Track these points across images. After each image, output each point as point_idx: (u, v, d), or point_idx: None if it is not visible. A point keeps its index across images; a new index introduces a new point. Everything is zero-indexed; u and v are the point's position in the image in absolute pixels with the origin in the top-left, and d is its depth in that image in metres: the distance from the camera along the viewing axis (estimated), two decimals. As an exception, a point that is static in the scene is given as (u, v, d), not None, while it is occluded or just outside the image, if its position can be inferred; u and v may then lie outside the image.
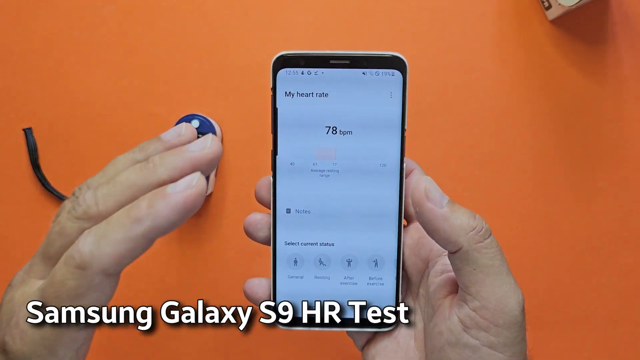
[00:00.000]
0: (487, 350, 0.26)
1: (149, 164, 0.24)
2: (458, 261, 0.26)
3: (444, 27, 0.48)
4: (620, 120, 0.48)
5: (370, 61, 0.29)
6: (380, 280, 0.31)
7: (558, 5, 0.45)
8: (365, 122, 0.30)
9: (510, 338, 0.26)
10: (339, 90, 0.29)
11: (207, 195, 0.47)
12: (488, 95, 0.48)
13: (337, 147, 0.30)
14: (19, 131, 0.49)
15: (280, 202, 0.31)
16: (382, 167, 0.30)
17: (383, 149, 0.30)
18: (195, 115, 0.46)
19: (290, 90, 0.30)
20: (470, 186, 0.48)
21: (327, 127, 0.30)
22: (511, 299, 0.26)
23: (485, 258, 0.26)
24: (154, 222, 0.23)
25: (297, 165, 0.30)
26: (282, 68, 0.29)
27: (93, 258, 0.22)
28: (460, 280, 0.27)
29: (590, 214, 0.48)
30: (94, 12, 0.49)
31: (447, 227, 0.26)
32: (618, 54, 0.48)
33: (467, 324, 0.26)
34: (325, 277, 0.31)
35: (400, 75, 0.30)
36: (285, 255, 0.31)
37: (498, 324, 0.26)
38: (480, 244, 0.26)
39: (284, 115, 0.30)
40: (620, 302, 0.48)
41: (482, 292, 0.26)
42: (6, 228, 0.49)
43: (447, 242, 0.26)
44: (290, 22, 0.48)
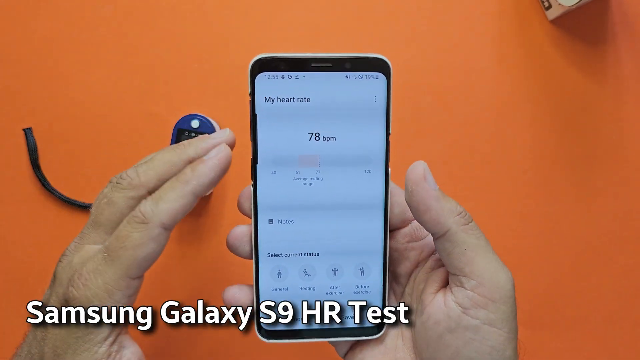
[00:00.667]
0: (487, 329, 0.27)
1: (180, 146, 0.30)
2: (448, 244, 0.28)
3: (444, 27, 0.48)
4: (620, 120, 0.48)
5: (353, 64, 0.28)
6: (367, 288, 0.30)
7: (558, 5, 0.45)
8: (349, 126, 0.29)
9: (506, 313, 0.27)
10: (322, 95, 0.28)
11: (207, 195, 0.47)
12: (488, 95, 0.48)
13: (320, 154, 0.29)
14: (19, 131, 0.49)
15: (261, 212, 0.29)
16: (367, 172, 0.29)
17: (367, 154, 0.29)
18: (195, 115, 0.46)
19: (269, 96, 0.28)
20: (470, 186, 0.48)
21: (309, 134, 0.29)
22: (502, 274, 0.27)
23: (473, 237, 0.28)
24: (199, 180, 0.28)
25: (278, 174, 0.29)
26: (261, 72, 0.28)
27: (153, 214, 0.27)
28: (453, 264, 0.28)
29: (590, 214, 0.48)
30: (94, 12, 0.49)
31: (438, 208, 0.27)
32: (618, 54, 0.48)
33: (465, 304, 0.27)
34: (310, 288, 0.30)
35: (384, 78, 0.28)
36: (269, 267, 0.30)
37: (495, 298, 0.27)
38: (465, 225, 0.28)
39: (263, 121, 0.29)
40: (620, 302, 0.48)
41: (475, 270, 0.27)
42: (6, 228, 0.49)
43: (436, 222, 0.27)
44: (290, 22, 0.48)
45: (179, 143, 0.30)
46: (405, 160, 0.48)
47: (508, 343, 0.27)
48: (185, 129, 0.46)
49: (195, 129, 0.46)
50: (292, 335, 0.31)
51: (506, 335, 0.27)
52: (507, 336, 0.27)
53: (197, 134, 0.46)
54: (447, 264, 0.28)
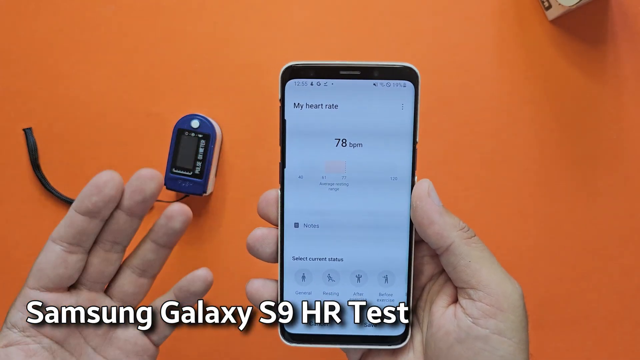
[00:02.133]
0: (497, 338, 0.27)
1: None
2: (452, 257, 0.28)
3: (444, 27, 0.48)
4: (620, 120, 0.48)
5: (381, 72, 0.28)
6: (390, 296, 0.30)
7: (558, 5, 0.45)
8: (376, 134, 0.29)
9: (515, 322, 0.27)
10: (349, 102, 0.29)
11: (207, 195, 0.47)
12: (488, 95, 0.48)
13: (346, 160, 0.29)
14: (19, 131, 0.49)
15: (288, 216, 0.30)
16: (393, 180, 0.29)
17: (394, 161, 0.29)
18: (195, 115, 0.46)
19: (299, 102, 0.29)
20: (471, 186, 0.48)
21: (336, 139, 0.29)
22: (509, 285, 0.28)
23: (476, 250, 0.28)
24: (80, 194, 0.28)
25: (305, 178, 0.29)
26: (291, 79, 0.29)
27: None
28: (459, 277, 0.28)
29: (590, 213, 0.48)
30: (94, 12, 0.49)
31: (442, 222, 0.28)
32: (618, 54, 0.48)
33: (475, 315, 0.27)
34: (334, 293, 0.30)
35: (412, 86, 0.29)
36: (293, 270, 0.30)
37: (503, 308, 0.27)
38: (468, 239, 0.28)
39: (292, 126, 0.29)
40: (620, 302, 0.48)
41: (482, 280, 0.27)
42: (6, 228, 0.49)
43: (440, 236, 0.28)
44: (290, 22, 0.48)
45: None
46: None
47: (518, 353, 0.27)
48: (185, 129, 0.46)
49: (195, 129, 0.46)
50: (314, 340, 0.31)
51: (516, 346, 0.27)
52: (517, 346, 0.27)
53: (197, 134, 0.46)
54: (454, 279, 0.28)
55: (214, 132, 0.46)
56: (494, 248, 0.49)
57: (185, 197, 0.48)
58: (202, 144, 0.46)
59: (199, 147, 0.46)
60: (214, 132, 0.46)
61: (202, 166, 0.45)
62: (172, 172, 0.46)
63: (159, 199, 0.48)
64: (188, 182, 0.46)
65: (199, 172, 0.45)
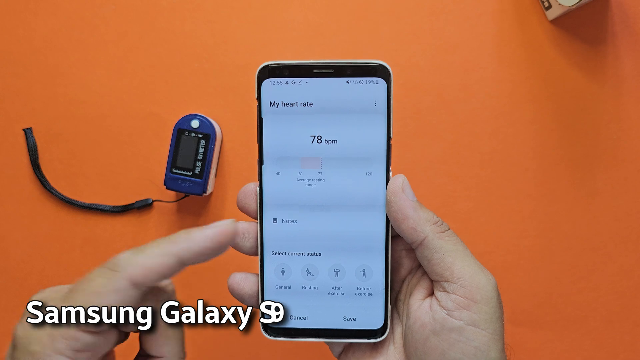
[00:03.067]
0: (471, 329, 0.27)
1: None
2: (426, 251, 0.28)
3: (444, 27, 0.48)
4: (620, 120, 0.48)
5: (354, 70, 0.29)
6: (368, 290, 0.31)
7: (558, 5, 0.45)
8: (351, 130, 0.29)
9: (489, 314, 0.27)
10: (324, 99, 0.29)
11: (207, 195, 0.47)
12: (488, 95, 0.48)
13: (322, 157, 0.30)
14: (19, 131, 0.49)
15: (266, 211, 0.30)
16: (369, 176, 0.30)
17: (369, 157, 0.30)
18: (195, 115, 0.46)
19: (274, 100, 0.30)
20: (470, 186, 0.48)
21: (312, 137, 0.30)
22: (482, 277, 0.28)
23: (450, 243, 0.28)
24: (188, 243, 0.26)
25: (282, 175, 0.30)
26: (267, 78, 0.29)
27: (126, 264, 0.25)
28: (433, 270, 0.29)
29: (589, 213, 0.48)
30: (94, 12, 0.49)
31: (416, 217, 0.28)
32: (618, 54, 0.48)
33: (449, 307, 0.28)
34: (312, 287, 0.31)
35: (384, 83, 0.29)
36: (273, 265, 0.31)
37: (476, 299, 0.27)
38: (442, 233, 0.29)
39: (268, 124, 0.30)
40: (619, 302, 0.48)
41: (455, 273, 0.28)
42: (6, 228, 0.49)
43: (414, 230, 0.28)
44: (290, 22, 0.48)
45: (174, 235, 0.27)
46: (405, 159, 0.49)
47: (493, 344, 0.27)
48: (185, 129, 0.46)
49: (195, 129, 0.46)
50: (294, 333, 0.31)
51: (490, 336, 0.27)
52: (491, 337, 0.27)
53: (197, 134, 0.46)
54: (429, 272, 0.29)
55: (214, 132, 0.46)
56: (494, 248, 0.49)
57: (185, 197, 0.48)
58: (202, 144, 0.46)
59: (199, 147, 0.46)
60: (214, 132, 0.46)
61: (202, 166, 0.45)
62: (172, 172, 0.46)
63: (159, 199, 0.48)
64: (188, 182, 0.46)
65: (199, 172, 0.45)
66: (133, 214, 0.49)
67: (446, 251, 0.28)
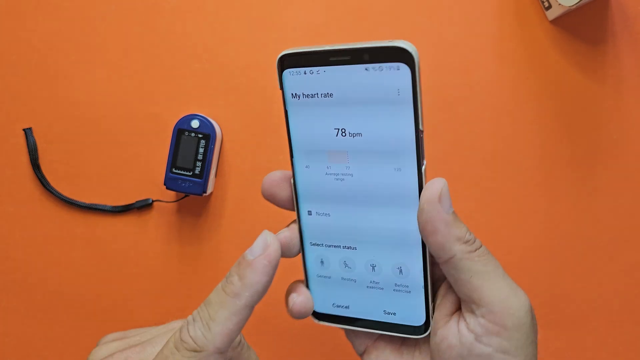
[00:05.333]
0: (500, 357, 0.25)
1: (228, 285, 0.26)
2: (453, 271, 0.26)
3: (444, 27, 0.48)
4: (620, 119, 0.48)
5: (371, 54, 0.26)
6: (406, 287, 0.29)
7: (558, 5, 0.45)
8: (375, 123, 0.26)
9: (521, 340, 0.26)
10: (343, 90, 0.26)
11: (207, 195, 0.47)
12: (488, 95, 0.48)
13: (348, 150, 0.27)
14: (19, 131, 0.49)
15: (302, 204, 0.29)
16: (397, 171, 0.27)
17: (396, 151, 0.26)
18: (195, 115, 0.46)
19: (295, 92, 0.27)
20: (471, 185, 0.48)
21: (336, 129, 0.27)
22: (514, 301, 0.26)
23: (478, 265, 0.26)
24: (251, 290, 0.25)
25: (312, 169, 0.28)
26: (285, 69, 0.27)
27: (207, 340, 0.24)
28: (461, 290, 0.27)
29: (590, 212, 0.48)
30: (94, 12, 0.49)
31: (446, 233, 0.26)
32: (618, 54, 0.48)
33: (477, 332, 0.26)
34: (351, 279, 0.30)
35: (407, 68, 0.25)
36: (313, 255, 0.30)
37: (507, 326, 0.25)
38: (472, 253, 0.26)
39: (293, 117, 0.28)
40: (621, 302, 0.48)
41: (484, 297, 0.26)
42: (6, 228, 0.49)
43: (441, 247, 0.26)
44: (290, 22, 0.48)
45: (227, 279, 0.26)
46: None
47: None
48: (185, 129, 0.46)
49: (195, 129, 0.46)
50: (337, 320, 0.31)
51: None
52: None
53: (197, 134, 0.46)
54: (456, 290, 0.27)
55: (214, 132, 0.46)
56: (495, 247, 0.49)
57: (185, 197, 0.48)
58: (202, 144, 0.46)
59: (199, 147, 0.46)
60: (214, 132, 0.46)
61: (202, 166, 0.45)
62: (172, 172, 0.46)
63: (159, 199, 0.48)
64: (188, 182, 0.46)
65: (199, 172, 0.45)
66: (133, 214, 0.49)
67: (474, 273, 0.26)
